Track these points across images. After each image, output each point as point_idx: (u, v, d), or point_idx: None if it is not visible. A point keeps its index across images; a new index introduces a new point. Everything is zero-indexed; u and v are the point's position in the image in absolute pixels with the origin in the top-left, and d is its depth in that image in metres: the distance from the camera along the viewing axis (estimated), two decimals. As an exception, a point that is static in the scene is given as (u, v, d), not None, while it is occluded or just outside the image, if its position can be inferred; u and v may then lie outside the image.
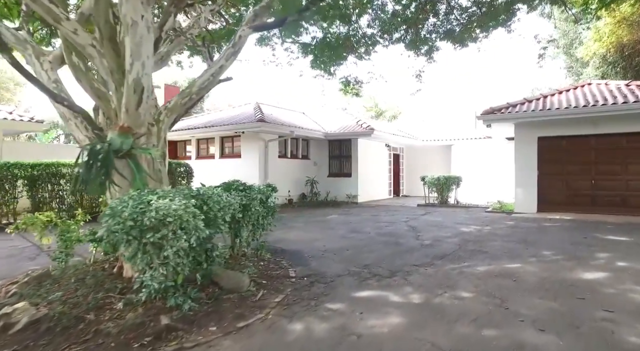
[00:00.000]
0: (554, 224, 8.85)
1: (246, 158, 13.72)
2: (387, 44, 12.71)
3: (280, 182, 14.17)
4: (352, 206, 14.16)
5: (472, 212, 11.72)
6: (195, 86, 5.12)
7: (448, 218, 10.28)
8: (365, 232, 8.21)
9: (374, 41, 12.89)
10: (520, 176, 10.92)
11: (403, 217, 10.48)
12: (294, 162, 15.13)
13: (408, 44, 12.23)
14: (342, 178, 15.76)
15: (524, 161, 10.84)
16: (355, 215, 11.17)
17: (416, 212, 11.77)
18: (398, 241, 7.08)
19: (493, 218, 10.16)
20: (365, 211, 12.33)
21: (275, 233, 8.08)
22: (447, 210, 12.15)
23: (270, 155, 13.77)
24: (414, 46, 12.14)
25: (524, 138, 10.86)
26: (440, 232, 7.95)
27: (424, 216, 10.78)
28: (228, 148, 14.54)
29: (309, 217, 10.82)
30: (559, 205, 10.53)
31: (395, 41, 12.54)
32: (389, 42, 12.66)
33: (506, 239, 7.09)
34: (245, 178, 13.59)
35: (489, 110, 10.75)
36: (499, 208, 11.67)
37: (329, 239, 7.44)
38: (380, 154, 17.05)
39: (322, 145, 16.33)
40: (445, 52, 58.45)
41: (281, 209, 12.89)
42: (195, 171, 15.11)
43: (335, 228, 8.83)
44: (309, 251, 6.34)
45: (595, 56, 14.94)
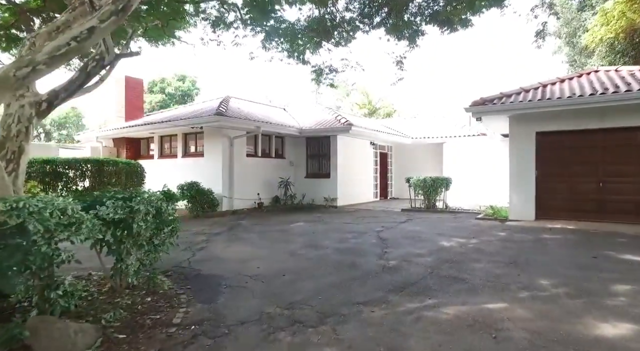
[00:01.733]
0: (554, 236, 7.32)
1: (209, 157, 12.23)
2: (367, 29, 11.26)
3: (249, 183, 12.70)
4: (328, 211, 12.65)
5: (460, 218, 10.20)
6: (44, 52, 3.58)
7: (430, 226, 8.77)
8: (323, 246, 6.70)
9: (353, 26, 11.42)
10: (516, 178, 9.41)
11: (378, 226, 8.97)
12: (265, 162, 13.63)
13: (390, 28, 10.76)
14: (321, 180, 14.25)
15: (520, 160, 9.33)
16: (324, 223, 9.66)
17: (397, 219, 10.26)
18: (356, 261, 5.57)
19: (483, 227, 8.64)
20: (340, 217, 10.82)
21: (213, 248, 6.60)
22: (433, 217, 10.62)
23: (237, 153, 12.28)
24: (396, 30, 10.67)
25: (520, 134, 9.34)
26: (413, 248, 6.43)
27: (404, 224, 9.26)
28: (191, 146, 13.05)
29: (269, 225, 9.32)
30: (560, 211, 9.01)
31: (377, 26, 11.08)
32: (369, 27, 11.21)
33: (493, 259, 5.57)
34: (208, 180, 12.13)
35: (478, 100, 9.24)
36: (492, 215, 10.15)
37: (272, 257, 5.94)
38: (364, 153, 15.54)
39: (299, 143, 14.83)
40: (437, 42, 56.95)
41: (246, 215, 11.43)
42: (157, 171, 13.67)
43: (291, 240, 7.33)
44: (232, 276, 4.83)
45: (601, 43, 13.32)
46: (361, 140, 15.11)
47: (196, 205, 11.02)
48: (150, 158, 14.08)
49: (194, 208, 10.99)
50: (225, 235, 7.93)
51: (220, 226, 9.21)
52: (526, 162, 9.26)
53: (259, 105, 16.14)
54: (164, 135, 13.67)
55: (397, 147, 18.24)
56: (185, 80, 42.75)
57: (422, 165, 17.24)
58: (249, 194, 12.67)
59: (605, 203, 8.48)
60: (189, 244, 6.87)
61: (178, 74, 42.96)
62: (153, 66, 57.59)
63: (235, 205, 12.11)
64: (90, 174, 9.61)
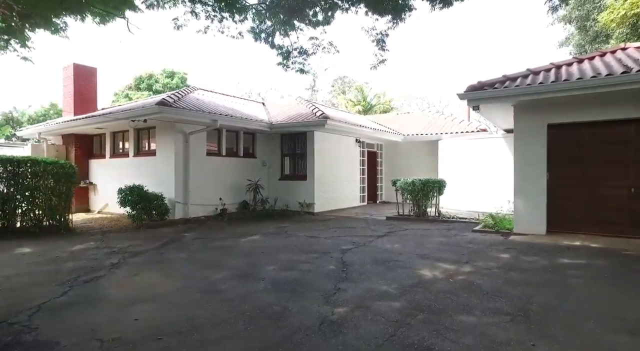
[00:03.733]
0: (576, 261, 5.47)
1: (161, 157, 10.45)
2: (346, 6, 9.49)
3: (210, 186, 10.92)
4: (302, 218, 10.84)
5: (454, 230, 8.36)
6: None
7: (414, 243, 6.94)
8: (259, 277, 4.89)
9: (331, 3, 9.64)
10: (522, 181, 7.58)
11: (349, 242, 7.15)
12: (232, 162, 11.83)
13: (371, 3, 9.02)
14: (296, 182, 12.44)
15: (527, 159, 7.50)
16: (285, 237, 7.85)
17: (376, 231, 8.43)
18: (289, 307, 3.76)
19: (481, 244, 6.80)
20: (309, 228, 9.01)
21: (109, 279, 4.78)
22: (420, 228, 8.79)
23: (194, 151, 10.49)
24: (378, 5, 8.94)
25: (527, 127, 7.51)
26: (381, 281, 4.61)
27: (382, 239, 7.43)
28: (144, 143, 11.27)
29: (215, 240, 7.52)
30: (578, 223, 7.18)
31: (357, 2, 9.32)
32: (348, 4, 9.44)
33: (493, 305, 3.74)
34: (159, 182, 10.27)
35: (476, 85, 7.41)
36: (492, 226, 8.31)
37: (175, 297, 4.13)
38: (348, 152, 13.72)
39: (273, 141, 13.03)
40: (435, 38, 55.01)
41: (199, 225, 9.61)
42: (109, 172, 11.93)
43: (223, 265, 5.52)
44: (79, 342, 3.03)
45: (622, 23, 11.35)
46: (344, 136, 13.30)
47: (140, 212, 9.24)
48: (102, 157, 12.33)
49: (137, 217, 9.21)
50: (146, 256, 6.13)
51: (155, 240, 7.42)
52: (535, 162, 7.43)
53: (230, 98, 14.35)
54: (116, 131, 11.90)
55: (388, 146, 16.41)
56: (175, 77, 41.00)
57: (415, 165, 15.41)
58: (209, 199, 10.88)
59: (639, 214, 6.63)
60: (84, 271, 5.09)
61: (167, 70, 41.25)
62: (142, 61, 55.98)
63: (191, 212, 10.32)
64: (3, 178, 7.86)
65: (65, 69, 12.48)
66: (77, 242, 7.26)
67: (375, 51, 8.87)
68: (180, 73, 41.79)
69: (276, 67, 10.19)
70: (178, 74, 41.66)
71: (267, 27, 10.31)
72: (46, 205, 8.44)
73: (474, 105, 7.49)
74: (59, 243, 7.21)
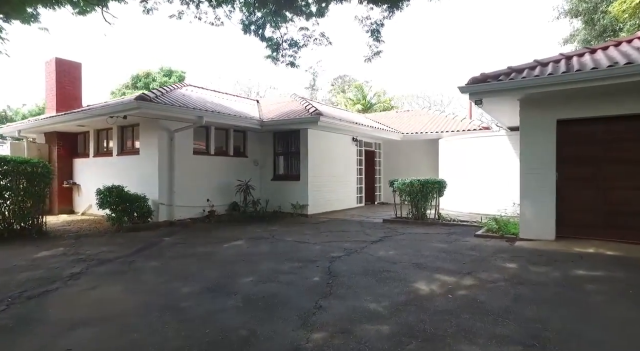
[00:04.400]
0: (593, 273, 4.86)
1: (145, 155, 9.87)
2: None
3: (197, 187, 10.35)
4: (295, 221, 10.26)
5: (454, 235, 7.76)
6: None
7: (411, 250, 6.34)
8: (232, 290, 4.30)
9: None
10: (529, 182, 6.97)
11: (339, 248, 6.56)
12: (221, 161, 11.25)
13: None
14: (289, 183, 11.85)
15: (534, 158, 6.89)
16: (272, 242, 7.26)
17: (371, 235, 7.83)
18: (257, 332, 3.17)
19: (484, 251, 6.19)
20: (299, 232, 8.42)
21: (60, 293, 4.14)
22: (418, 233, 8.19)
23: (180, 150, 9.91)
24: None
25: (535, 123, 6.90)
26: (370, 297, 4.01)
27: (376, 245, 6.83)
28: (128, 142, 10.70)
29: (196, 246, 6.94)
30: (591, 228, 6.56)
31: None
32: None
33: (501, 330, 3.14)
34: (142, 183, 9.70)
35: (478, 77, 6.80)
36: (496, 230, 7.70)
37: (126, 318, 3.54)
38: (345, 151, 13.12)
39: (265, 140, 12.44)
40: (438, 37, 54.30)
41: (182, 228, 9.03)
42: (93, 172, 11.37)
43: (195, 276, 4.93)
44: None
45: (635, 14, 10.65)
46: (340, 135, 12.70)
47: (120, 214, 8.66)
48: (86, 156, 11.77)
49: (117, 219, 8.63)
50: (115, 264, 5.55)
51: (131, 246, 6.85)
52: (543, 161, 6.82)
53: (221, 95, 13.77)
54: (100, 129, 11.34)
55: (387, 145, 15.80)
56: (172, 75, 40.45)
57: (415, 164, 14.81)
58: (196, 200, 10.30)
59: (658, 219, 6.01)
60: (36, 283, 4.51)
61: (164, 68, 40.71)
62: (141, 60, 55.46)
63: (176, 214, 9.74)
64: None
65: (47, 64, 11.92)
66: (45, 248, 6.69)
67: (369, 42, 8.28)
68: (178, 72, 41.22)
69: (270, 64, 9.56)
70: (176, 72, 41.09)
71: (257, 18, 9.74)
72: (17, 207, 7.87)
73: (477, 99, 6.88)
74: (25, 248, 6.64)
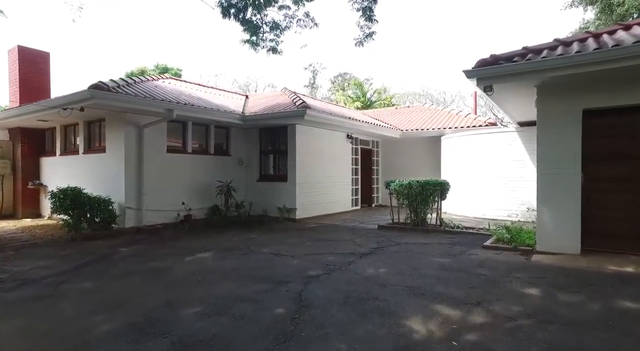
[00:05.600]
0: (637, 301, 3.75)
1: (111, 153, 8.82)
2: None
3: (171, 188, 9.32)
4: (280, 227, 9.18)
5: (459, 246, 6.65)
6: None
7: (405, 268, 5.23)
8: (163, 331, 3.20)
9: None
10: (548, 184, 5.86)
11: (321, 264, 5.46)
12: (200, 160, 10.18)
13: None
14: (276, 184, 10.77)
15: (555, 156, 5.78)
16: (244, 254, 6.18)
17: (361, 246, 6.73)
18: None
19: (494, 269, 5.08)
20: (279, 241, 7.33)
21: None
22: (417, 243, 7.08)
23: (151, 147, 8.85)
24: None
25: (556, 114, 5.79)
26: (342, 346, 2.91)
27: (364, 259, 5.73)
28: (95, 138, 9.64)
29: (155, 258, 5.86)
30: (625, 240, 5.45)
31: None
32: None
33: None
34: (109, 183, 8.58)
35: (488, 59, 5.70)
36: (508, 241, 6.59)
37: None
38: (338, 149, 12.03)
39: (251, 137, 11.37)
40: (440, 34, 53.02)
41: (150, 235, 7.89)
42: (60, 172, 10.32)
43: (134, 303, 3.84)
44: None
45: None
46: (333, 131, 11.61)
47: (76, 220, 7.61)
48: (53, 154, 10.72)
49: (73, 226, 7.57)
50: (37, 287, 4.48)
51: (76, 259, 5.78)
52: (565, 159, 5.71)
53: (205, 89, 12.71)
54: (68, 125, 10.28)
55: (385, 143, 14.69)
56: (168, 72, 39.44)
57: (416, 164, 13.71)
58: (170, 204, 9.23)
59: None
60: None
61: (160, 65, 39.74)
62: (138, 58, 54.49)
63: (147, 219, 8.68)
64: None
65: (10, 53, 10.89)
66: (-29, 262, 5.63)
67: (360, 22, 7.18)
68: (173, 69, 40.23)
69: (250, 50, 8.46)
70: (172, 69, 40.07)
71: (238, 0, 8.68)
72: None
73: (486, 85, 5.77)
74: (-53, 263, 5.58)
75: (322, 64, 49.67)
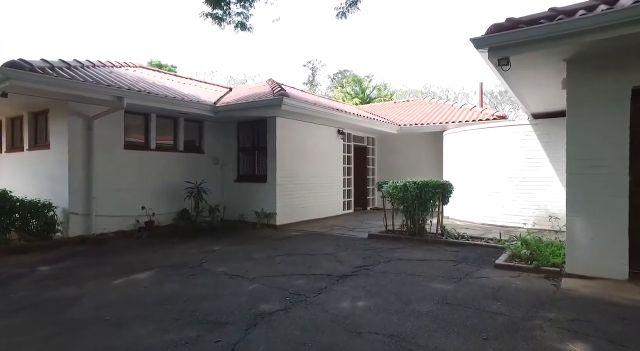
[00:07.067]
0: None
1: (55, 150, 7.54)
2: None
3: (130, 191, 8.07)
4: (253, 235, 7.85)
5: (464, 263, 5.30)
6: None
7: (394, 299, 3.88)
8: None
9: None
10: (581, 185, 4.50)
11: (277, 296, 4.13)
12: (167, 158, 8.87)
13: None
14: (255, 185, 9.44)
15: (592, 151, 4.43)
16: (193, 275, 4.85)
17: (341, 264, 5.39)
18: None
19: (514, 304, 3.73)
20: (243, 255, 6.00)
21: None
22: (412, 259, 5.73)
23: (103, 143, 7.57)
24: None
25: (594, 94, 4.44)
26: None
27: (342, 285, 4.39)
28: (41, 133, 8.35)
29: (73, 282, 4.55)
30: (686, 261, 4.08)
31: None
32: None
33: None
34: (52, 185, 7.00)
35: (504, 23, 4.35)
36: (525, 257, 5.22)
37: None
38: (327, 146, 10.69)
39: (228, 132, 10.05)
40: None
41: (90, 248, 6.38)
42: (4, 172, 9.05)
43: None
44: None
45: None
46: (321, 126, 10.28)
47: (2, 229, 6.32)
48: (0, 151, 9.46)
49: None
50: None
51: (-29, 283, 4.49)
52: (606, 154, 4.35)
53: (177, 79, 11.42)
54: (14, 117, 9.00)
55: (382, 139, 13.34)
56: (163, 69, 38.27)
57: (416, 163, 12.37)
58: (129, 208, 7.94)
59: None
60: None
61: (153, 61, 38.55)
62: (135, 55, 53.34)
63: (98, 227, 7.40)
64: None
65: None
66: None
67: None
68: (168, 65, 39.01)
69: (215, 27, 7.11)
70: (166, 66, 38.86)
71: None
72: None
73: (501, 58, 4.40)
74: None
75: (321, 61, 48.30)
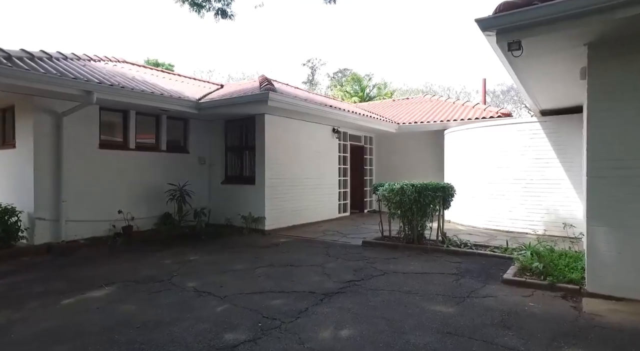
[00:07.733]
0: None
1: (21, 149, 6.93)
2: None
3: (106, 193, 7.49)
4: (238, 242, 7.23)
5: (467, 277, 4.68)
6: None
7: (385, 326, 3.25)
8: None
9: None
10: (605, 191, 3.86)
11: (250, 319, 3.50)
12: (148, 158, 8.26)
13: None
14: (242, 187, 8.83)
15: (617, 149, 3.80)
16: (159, 292, 4.23)
17: (329, 278, 4.77)
18: None
19: (527, 333, 3.10)
20: (223, 266, 5.38)
21: None
22: (409, 272, 5.10)
23: (74, 142, 6.97)
24: None
25: (623, 84, 3.80)
26: None
27: (326, 307, 3.76)
28: (9, 130, 7.75)
29: (19, 303, 3.94)
30: None
31: None
32: None
33: None
34: (17, 188, 6.15)
35: (514, 1, 3.73)
36: (538, 270, 4.59)
37: None
38: (321, 145, 10.06)
39: (215, 131, 9.44)
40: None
41: (62, 255, 5.92)
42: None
43: None
44: None
45: None
46: (314, 124, 9.65)
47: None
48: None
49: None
50: None
51: None
52: (634, 153, 3.72)
53: (162, 75, 10.83)
54: (-15, 115, 8.42)
55: (380, 138, 12.71)
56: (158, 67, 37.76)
57: (416, 163, 11.75)
58: (103, 212, 7.33)
59: None
60: None
61: (150, 60, 38.01)
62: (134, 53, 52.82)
63: (69, 233, 6.79)
64: None
65: None
66: None
67: None
68: (165, 64, 38.50)
69: (195, 16, 6.41)
70: (163, 64, 38.37)
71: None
72: None
73: (511, 41, 3.76)
74: None
75: (321, 59, 47.66)
